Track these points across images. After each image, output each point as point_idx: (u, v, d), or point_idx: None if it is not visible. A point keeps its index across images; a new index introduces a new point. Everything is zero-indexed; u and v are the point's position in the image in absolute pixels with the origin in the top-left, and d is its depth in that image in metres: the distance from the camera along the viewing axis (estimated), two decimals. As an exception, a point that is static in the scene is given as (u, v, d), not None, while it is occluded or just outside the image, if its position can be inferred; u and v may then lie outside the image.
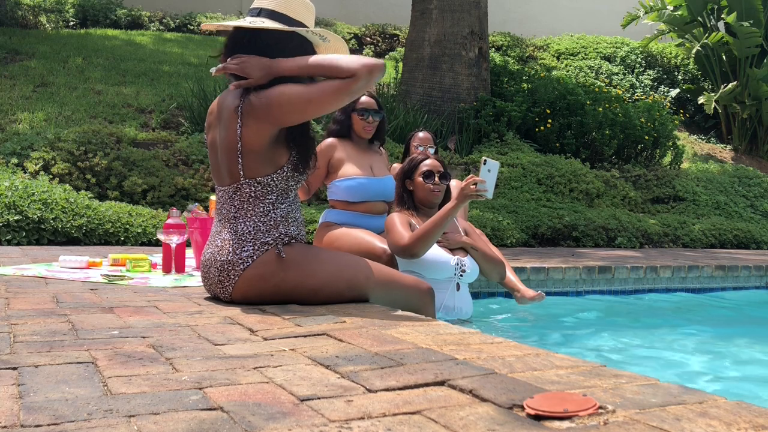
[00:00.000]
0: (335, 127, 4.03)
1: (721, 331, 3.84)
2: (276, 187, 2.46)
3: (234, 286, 2.43)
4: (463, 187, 3.19)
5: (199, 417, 1.20)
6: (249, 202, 2.45)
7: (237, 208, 2.46)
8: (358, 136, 4.01)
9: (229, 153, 2.44)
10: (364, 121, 3.98)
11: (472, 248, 3.45)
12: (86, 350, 1.69)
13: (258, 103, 2.37)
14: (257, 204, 2.44)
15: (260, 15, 2.48)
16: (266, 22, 2.44)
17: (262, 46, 2.44)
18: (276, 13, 2.47)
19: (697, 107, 12.24)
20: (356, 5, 14.25)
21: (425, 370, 1.52)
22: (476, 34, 9.23)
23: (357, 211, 3.89)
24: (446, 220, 3.21)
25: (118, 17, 12.43)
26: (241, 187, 2.45)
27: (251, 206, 2.44)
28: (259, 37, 2.45)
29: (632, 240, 7.18)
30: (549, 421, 1.18)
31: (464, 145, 8.60)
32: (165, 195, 6.17)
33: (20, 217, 4.95)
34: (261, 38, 2.45)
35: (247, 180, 2.44)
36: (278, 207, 2.47)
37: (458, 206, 3.20)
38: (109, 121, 7.64)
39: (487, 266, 3.49)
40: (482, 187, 3.18)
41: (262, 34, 2.45)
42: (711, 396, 1.31)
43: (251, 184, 2.44)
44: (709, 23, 11.71)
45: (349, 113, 3.99)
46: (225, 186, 2.50)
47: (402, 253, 3.27)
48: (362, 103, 3.99)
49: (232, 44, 2.50)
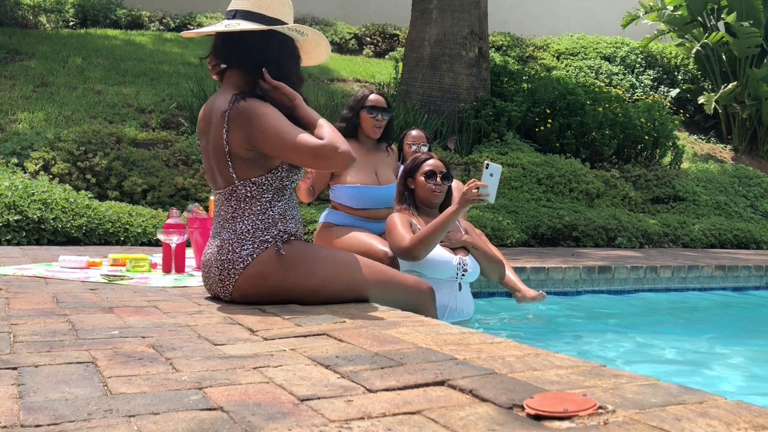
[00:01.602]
0: (342, 125, 3.87)
1: (722, 331, 3.85)
2: (271, 186, 2.46)
3: (234, 284, 2.44)
4: (465, 191, 3.17)
5: (199, 417, 1.20)
6: (246, 201, 2.45)
7: (234, 208, 2.46)
8: (366, 135, 3.90)
9: (219, 157, 2.45)
10: (373, 119, 3.86)
11: (473, 247, 3.45)
12: (86, 350, 1.69)
13: (244, 113, 2.37)
14: (254, 203, 2.45)
15: (236, 17, 2.50)
16: (242, 24, 2.46)
17: (244, 46, 2.47)
18: (251, 13, 2.48)
19: (697, 107, 12.24)
20: (356, 5, 14.25)
21: (425, 370, 1.52)
22: (476, 34, 9.22)
23: (359, 216, 3.86)
24: (447, 223, 3.20)
25: (118, 17, 12.43)
26: (237, 188, 2.45)
27: (248, 205, 2.45)
28: (240, 39, 2.48)
29: (632, 240, 7.18)
30: (549, 421, 1.18)
31: (464, 145, 8.60)
32: (165, 195, 6.17)
33: (20, 217, 4.95)
34: (242, 39, 2.48)
35: (241, 182, 2.44)
36: (275, 205, 2.47)
37: (460, 210, 3.19)
38: (109, 121, 7.64)
39: (487, 265, 3.49)
40: (484, 191, 3.16)
41: (243, 35, 2.47)
42: (711, 396, 1.31)
43: (246, 184, 2.45)
44: (709, 23, 11.71)
45: (357, 111, 3.88)
46: (220, 189, 2.51)
47: (403, 255, 3.27)
48: (371, 101, 3.88)
49: (218, 47, 2.54)
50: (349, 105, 3.97)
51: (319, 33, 2.61)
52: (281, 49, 2.51)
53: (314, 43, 2.64)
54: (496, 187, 3.22)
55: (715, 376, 2.78)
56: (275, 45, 2.50)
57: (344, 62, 11.69)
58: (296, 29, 2.53)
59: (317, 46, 2.66)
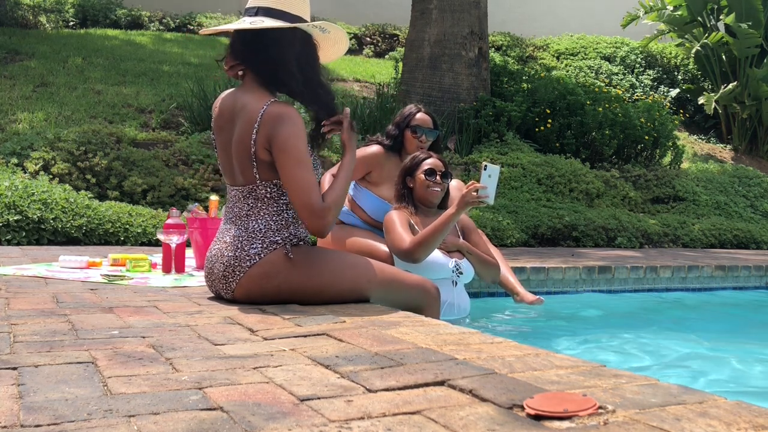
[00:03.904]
0: (387, 142, 3.80)
1: (722, 331, 3.85)
2: None
3: (238, 282, 2.43)
4: (464, 194, 3.16)
5: (199, 417, 1.20)
6: (263, 201, 2.44)
7: (251, 206, 2.45)
8: (408, 154, 3.71)
9: (243, 155, 2.43)
10: (417, 139, 3.76)
11: (468, 252, 3.46)
12: (86, 350, 1.69)
13: (276, 114, 2.37)
14: (271, 204, 2.44)
15: (258, 14, 2.47)
16: (266, 21, 2.43)
17: (266, 43, 2.44)
18: (274, 11, 2.46)
19: (697, 107, 12.24)
20: (356, 5, 14.25)
21: (425, 370, 1.52)
22: (476, 34, 9.22)
23: (368, 222, 3.85)
24: (447, 226, 3.20)
25: (118, 17, 12.43)
26: (257, 188, 2.44)
27: (265, 205, 2.44)
28: (261, 36, 2.45)
29: (632, 240, 7.18)
30: (549, 421, 1.18)
31: (464, 145, 8.60)
32: (165, 195, 6.17)
33: (20, 217, 4.95)
34: (263, 37, 2.45)
35: (263, 182, 2.43)
36: (291, 208, 2.47)
37: (459, 212, 3.19)
38: (109, 121, 7.64)
39: (481, 269, 3.51)
40: (483, 193, 3.15)
41: (264, 32, 2.44)
42: (711, 396, 1.31)
43: (267, 185, 2.44)
44: (709, 23, 11.71)
45: (402, 129, 3.78)
46: (239, 186, 2.48)
47: (402, 256, 3.28)
48: (417, 120, 3.77)
49: (236, 45, 2.50)
50: (395, 121, 3.88)
51: (341, 29, 2.59)
52: (305, 47, 2.49)
53: (333, 40, 2.61)
54: (495, 188, 3.22)
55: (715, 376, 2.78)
56: (299, 42, 2.47)
57: (344, 62, 11.69)
58: (320, 26, 2.52)
59: (336, 42, 2.64)
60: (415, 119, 3.78)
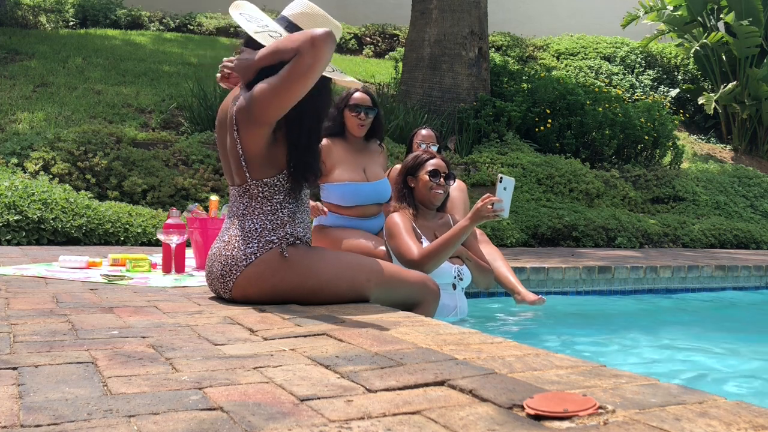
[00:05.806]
0: (328, 124, 3.86)
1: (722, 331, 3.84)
2: (283, 188, 2.47)
3: (234, 282, 2.44)
4: (479, 207, 3.07)
5: (199, 417, 1.20)
6: (257, 200, 2.47)
7: (246, 205, 2.48)
8: (352, 134, 3.90)
9: (234, 156, 2.48)
10: (356, 118, 3.84)
11: (467, 258, 3.45)
12: (86, 350, 1.69)
13: (243, 104, 2.38)
14: (265, 203, 2.46)
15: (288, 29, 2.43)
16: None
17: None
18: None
19: (697, 107, 12.24)
20: (356, 5, 14.25)
21: (425, 370, 1.52)
22: (476, 34, 9.23)
23: (349, 215, 3.86)
24: (459, 238, 3.14)
25: (118, 17, 12.43)
26: (249, 187, 2.47)
27: (259, 204, 2.46)
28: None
29: (632, 240, 7.18)
30: (549, 421, 1.18)
31: (464, 145, 8.60)
32: (165, 195, 6.17)
33: (20, 217, 4.95)
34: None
35: (254, 181, 2.46)
36: (285, 207, 2.48)
37: (472, 226, 3.13)
38: (109, 121, 7.64)
39: (477, 276, 3.49)
40: (499, 206, 3.04)
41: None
42: (711, 396, 1.31)
43: (258, 184, 2.46)
44: (709, 23, 11.71)
45: (341, 110, 3.86)
46: (235, 185, 2.54)
47: (411, 266, 3.18)
48: (354, 99, 3.84)
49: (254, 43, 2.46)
50: (335, 104, 3.94)
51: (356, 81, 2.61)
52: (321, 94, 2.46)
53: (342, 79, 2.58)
54: (510, 201, 3.10)
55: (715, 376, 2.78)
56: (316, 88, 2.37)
57: (344, 62, 11.69)
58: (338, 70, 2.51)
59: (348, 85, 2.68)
60: (352, 98, 3.86)
